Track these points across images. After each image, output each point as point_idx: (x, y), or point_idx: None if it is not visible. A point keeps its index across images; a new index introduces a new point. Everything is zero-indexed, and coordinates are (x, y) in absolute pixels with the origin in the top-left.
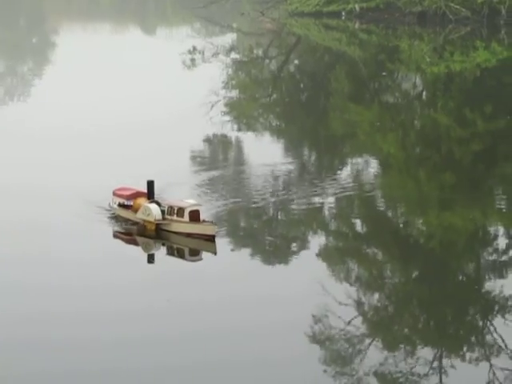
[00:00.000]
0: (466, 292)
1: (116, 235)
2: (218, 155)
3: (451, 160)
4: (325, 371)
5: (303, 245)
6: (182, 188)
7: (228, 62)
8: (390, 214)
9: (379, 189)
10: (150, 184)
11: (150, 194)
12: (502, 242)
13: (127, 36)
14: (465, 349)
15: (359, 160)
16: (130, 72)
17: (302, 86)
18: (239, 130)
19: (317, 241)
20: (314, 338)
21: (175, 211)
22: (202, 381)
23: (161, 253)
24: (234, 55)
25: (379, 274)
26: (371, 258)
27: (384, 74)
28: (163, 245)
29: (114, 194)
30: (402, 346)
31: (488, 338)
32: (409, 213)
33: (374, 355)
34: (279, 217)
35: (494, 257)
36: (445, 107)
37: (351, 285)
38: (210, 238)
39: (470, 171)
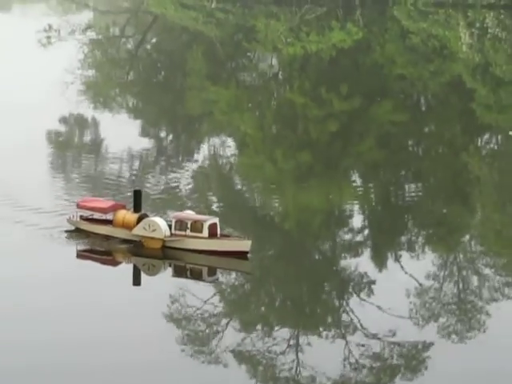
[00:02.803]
0: (322, 271)
1: (83, 255)
2: (74, 136)
3: (308, 140)
4: (182, 351)
5: None
6: (35, 173)
7: (84, 41)
8: (247, 193)
9: (236, 169)
10: (137, 194)
11: (136, 206)
12: (357, 221)
13: None
14: (321, 327)
15: (216, 140)
16: None
17: (159, 65)
18: (96, 109)
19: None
20: (171, 318)
21: (188, 225)
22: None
23: (168, 274)
24: (90, 34)
25: None
26: None
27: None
28: (170, 265)
29: (81, 206)
30: (259, 324)
31: (344, 315)
32: (266, 192)
33: (232, 334)
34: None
35: (350, 236)
36: (301, 87)
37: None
38: (242, 255)
39: (327, 150)
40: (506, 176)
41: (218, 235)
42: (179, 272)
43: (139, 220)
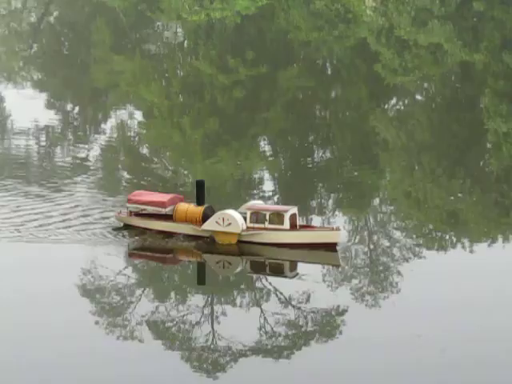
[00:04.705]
0: None
1: (134, 254)
2: None
3: (215, 108)
4: (96, 323)
5: (70, 197)
6: None
7: None
8: (156, 162)
9: (145, 138)
10: (200, 184)
11: (200, 198)
12: (268, 187)
13: None
14: (235, 295)
15: (123, 111)
16: None
17: (62, 37)
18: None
19: (81, 191)
20: (84, 291)
21: (266, 217)
22: None
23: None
24: None
25: None
26: None
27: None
28: (246, 262)
29: (134, 201)
30: (173, 294)
31: (258, 283)
32: (175, 161)
33: (146, 305)
34: (44, 169)
35: (260, 201)
36: (206, 55)
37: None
38: (331, 247)
39: (234, 118)
40: (412, 137)
41: (298, 226)
42: (258, 268)
43: (205, 213)
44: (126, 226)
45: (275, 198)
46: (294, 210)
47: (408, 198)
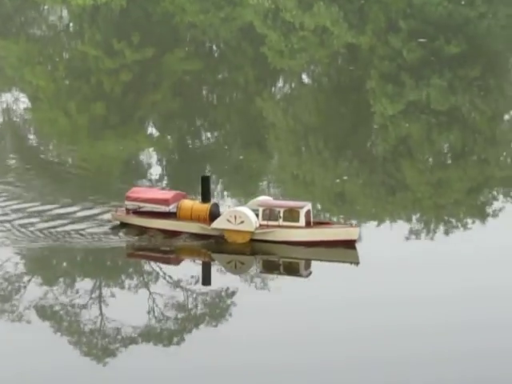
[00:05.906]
0: None
1: (133, 254)
2: None
3: (101, 91)
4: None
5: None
6: None
7: None
8: (42, 147)
9: (30, 123)
10: (205, 180)
11: (205, 194)
12: (155, 171)
13: None
14: (123, 277)
15: (8, 95)
16: None
17: None
18: None
19: None
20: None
21: (280, 214)
22: None
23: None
24: None
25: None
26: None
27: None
28: (259, 261)
29: (133, 198)
30: (62, 279)
31: (146, 266)
32: (62, 145)
33: (34, 290)
34: None
35: (148, 184)
36: (92, 39)
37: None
38: (350, 244)
39: (121, 101)
40: (299, 120)
41: (312, 223)
42: (270, 268)
43: (212, 211)
44: (123, 225)
45: (163, 183)
46: (308, 206)
47: (295, 180)
